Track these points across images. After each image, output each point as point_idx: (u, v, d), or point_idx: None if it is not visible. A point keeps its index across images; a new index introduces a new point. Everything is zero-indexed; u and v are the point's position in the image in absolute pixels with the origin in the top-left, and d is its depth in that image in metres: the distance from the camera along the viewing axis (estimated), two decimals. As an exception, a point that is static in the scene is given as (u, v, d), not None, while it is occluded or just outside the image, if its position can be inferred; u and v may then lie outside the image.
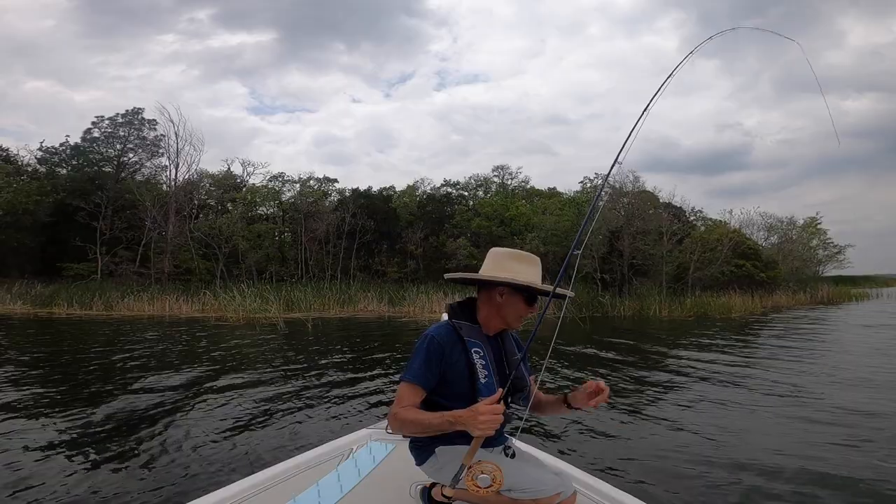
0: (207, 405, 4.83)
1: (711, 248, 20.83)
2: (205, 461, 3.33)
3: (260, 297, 15.64)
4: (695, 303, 16.82)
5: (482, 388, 1.50)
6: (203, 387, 5.69)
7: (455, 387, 1.52)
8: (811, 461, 3.35)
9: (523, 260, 1.61)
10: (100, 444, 3.68)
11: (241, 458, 3.38)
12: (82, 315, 15.12)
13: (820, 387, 5.74)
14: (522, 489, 1.45)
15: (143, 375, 6.26)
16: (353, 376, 6.49)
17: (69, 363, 7.33)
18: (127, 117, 25.34)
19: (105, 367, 6.98)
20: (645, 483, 2.99)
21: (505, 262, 1.60)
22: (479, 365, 1.52)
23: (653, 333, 12.11)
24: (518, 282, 1.54)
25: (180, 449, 3.56)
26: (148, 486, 2.92)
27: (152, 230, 22.12)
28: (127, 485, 2.93)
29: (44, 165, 25.40)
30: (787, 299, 20.90)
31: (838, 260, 33.59)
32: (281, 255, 26.29)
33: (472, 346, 1.54)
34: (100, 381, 6.02)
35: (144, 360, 7.55)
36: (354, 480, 1.89)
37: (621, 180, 23.77)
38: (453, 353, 1.53)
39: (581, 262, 12.89)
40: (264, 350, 8.92)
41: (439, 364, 1.50)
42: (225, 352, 8.64)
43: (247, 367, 7.14)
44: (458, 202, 30.17)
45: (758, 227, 28.47)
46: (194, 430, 3.99)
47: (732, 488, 2.96)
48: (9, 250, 22.51)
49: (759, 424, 4.33)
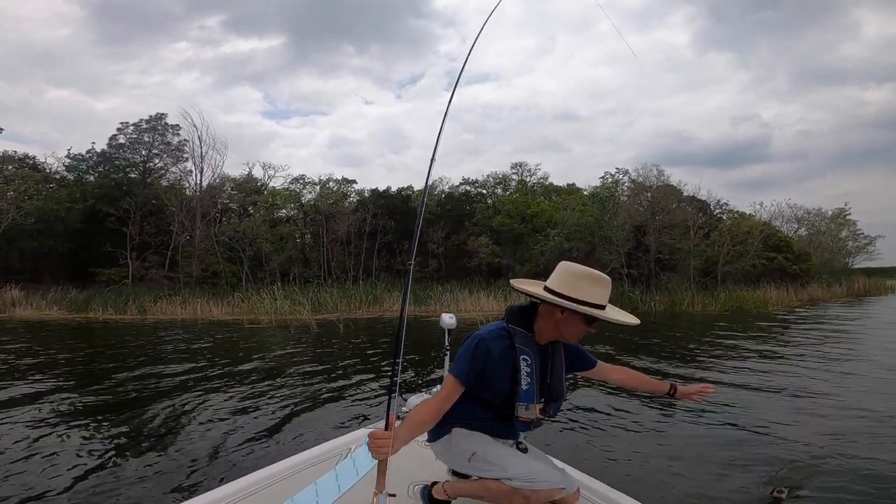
0: (251, 402, 4.92)
1: (741, 241, 20.35)
2: (238, 453, 3.47)
3: (289, 299, 15.73)
4: (729, 297, 16.42)
5: (522, 394, 1.57)
6: (248, 385, 5.76)
7: (496, 386, 1.59)
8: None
9: (595, 282, 1.56)
10: (125, 436, 3.85)
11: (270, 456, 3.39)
12: (118, 319, 15.38)
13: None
14: (524, 479, 1.50)
15: (190, 376, 6.36)
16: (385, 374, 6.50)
17: (117, 367, 7.38)
18: (151, 123, 25.74)
19: (148, 370, 7.03)
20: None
21: (575, 281, 1.56)
22: (524, 373, 1.57)
23: (694, 329, 11.84)
24: (586, 311, 1.51)
25: (218, 445, 3.67)
26: (169, 477, 3.04)
27: (180, 234, 22.44)
28: (148, 475, 3.07)
29: (72, 172, 25.95)
30: (822, 292, 20.32)
31: (868, 251, 32.71)
32: (303, 257, 26.47)
33: (521, 353, 1.58)
34: (140, 382, 6.08)
35: (188, 360, 7.65)
36: (353, 480, 1.88)
37: (644, 174, 23.50)
38: (501, 356, 1.57)
39: (607, 257, 12.71)
40: (301, 350, 8.95)
41: (483, 365, 1.56)
42: (265, 352, 8.69)
43: (287, 366, 7.20)
44: (478, 200, 30.01)
45: (787, 218, 27.79)
46: (236, 425, 4.12)
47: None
48: (41, 256, 23.06)
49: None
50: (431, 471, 1.90)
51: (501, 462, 1.56)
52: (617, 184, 27.90)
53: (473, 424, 1.63)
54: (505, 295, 18.01)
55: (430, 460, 2.00)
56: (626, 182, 26.83)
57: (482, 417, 1.64)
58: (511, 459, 1.56)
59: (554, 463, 1.77)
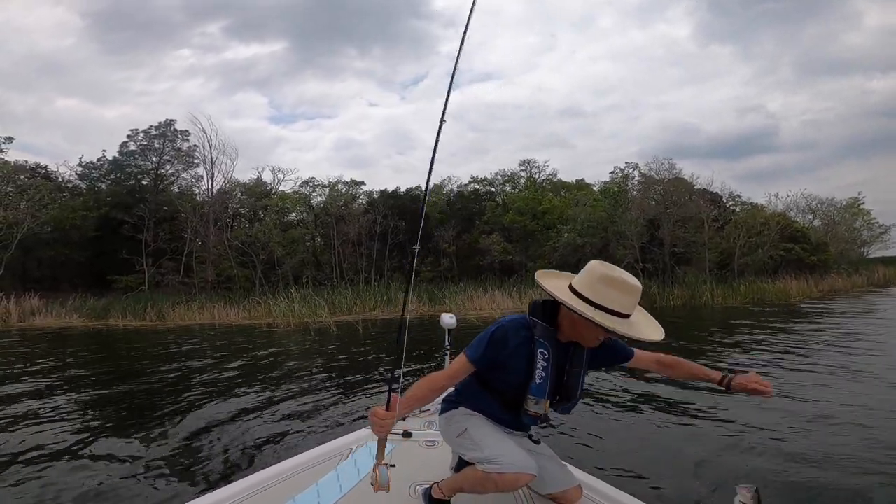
0: (274, 403, 4.95)
1: (757, 233, 20.14)
2: (249, 453, 3.50)
3: (306, 302, 15.76)
4: (749, 289, 16.25)
5: (534, 387, 1.55)
6: (272, 387, 5.76)
7: (510, 375, 1.57)
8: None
9: (619, 287, 1.45)
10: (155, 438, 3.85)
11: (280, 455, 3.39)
12: (138, 326, 15.49)
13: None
14: (491, 461, 1.46)
15: (211, 379, 6.40)
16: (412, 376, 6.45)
17: (140, 372, 7.39)
18: (160, 129, 25.88)
19: (169, 375, 7.04)
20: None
21: (598, 285, 1.46)
22: (540, 366, 1.55)
23: (716, 322, 11.71)
24: (595, 320, 1.41)
25: (230, 444, 3.68)
26: (180, 475, 3.07)
27: (193, 240, 22.55)
28: (160, 475, 3.07)
29: (84, 181, 26.15)
30: (843, 282, 20.06)
31: (883, 240, 32.30)
32: (315, 260, 26.53)
33: (539, 345, 1.56)
34: (163, 387, 6.08)
35: (209, 364, 7.69)
36: (354, 480, 1.88)
37: (656, 167, 23.32)
38: (518, 346, 1.55)
39: (621, 252, 12.58)
40: (322, 352, 8.96)
41: (498, 351, 1.55)
42: (286, 355, 8.73)
43: (311, 367, 7.20)
44: (487, 198, 29.95)
45: (801, 209, 27.48)
46: (255, 424, 4.15)
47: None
48: (58, 265, 23.28)
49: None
50: (433, 471, 1.91)
51: (482, 442, 1.54)
52: (627, 178, 27.74)
53: (482, 409, 1.64)
54: (520, 293, 17.95)
55: (432, 461, 2.05)
56: (636, 176, 26.68)
57: (491, 405, 1.64)
58: (490, 441, 1.54)
59: (558, 460, 1.76)
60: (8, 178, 22.00)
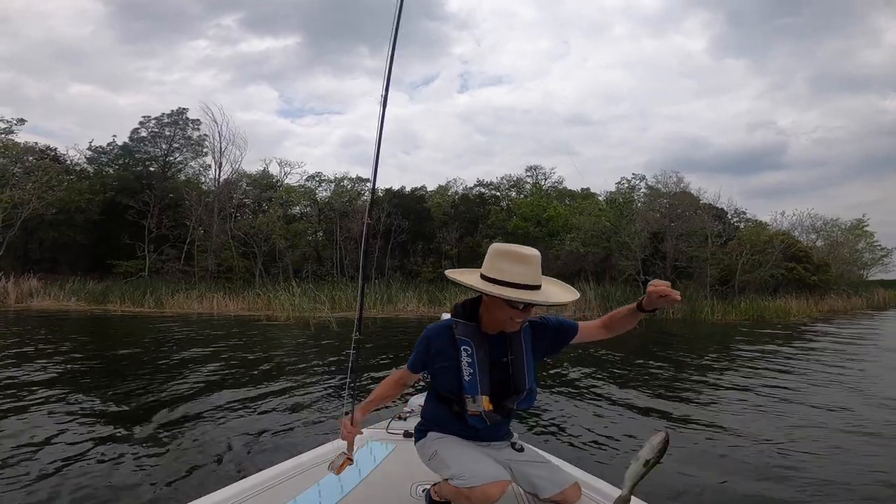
0: (270, 399, 4.90)
1: (760, 251, 20.10)
2: (245, 452, 3.47)
3: (307, 296, 15.73)
4: (749, 306, 16.21)
5: (466, 385, 1.56)
6: (269, 383, 5.72)
7: (444, 379, 1.61)
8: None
9: (513, 258, 1.49)
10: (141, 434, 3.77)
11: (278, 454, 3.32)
12: (136, 312, 15.49)
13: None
14: (458, 477, 1.46)
15: (206, 372, 6.29)
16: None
17: (133, 361, 7.31)
18: (172, 117, 25.99)
19: (164, 366, 6.89)
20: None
21: (496, 261, 1.51)
22: (465, 363, 1.56)
23: (716, 338, 11.67)
24: (486, 291, 1.47)
25: (227, 444, 3.60)
26: (178, 473, 3.01)
27: (196, 228, 22.57)
28: (155, 471, 3.03)
29: (92, 165, 26.22)
30: (842, 304, 20.00)
31: (884, 263, 32.22)
32: (317, 255, 26.54)
33: (461, 343, 1.57)
34: (157, 379, 5.91)
35: (205, 356, 7.56)
36: (355, 481, 1.89)
37: (664, 180, 23.32)
38: (442, 349, 1.59)
39: (623, 263, 12.59)
40: (322, 348, 8.90)
41: (425, 357, 1.63)
42: (289, 350, 8.68)
43: (314, 362, 7.17)
44: (492, 202, 29.94)
45: (804, 228, 27.42)
46: (241, 425, 4.06)
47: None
48: (60, 247, 23.31)
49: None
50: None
51: (449, 460, 1.54)
52: (633, 189, 27.73)
53: (448, 428, 1.66)
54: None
55: None
56: (643, 188, 26.67)
57: (451, 420, 1.65)
58: (458, 458, 1.53)
59: (552, 462, 1.75)
60: (16, 158, 22.07)
